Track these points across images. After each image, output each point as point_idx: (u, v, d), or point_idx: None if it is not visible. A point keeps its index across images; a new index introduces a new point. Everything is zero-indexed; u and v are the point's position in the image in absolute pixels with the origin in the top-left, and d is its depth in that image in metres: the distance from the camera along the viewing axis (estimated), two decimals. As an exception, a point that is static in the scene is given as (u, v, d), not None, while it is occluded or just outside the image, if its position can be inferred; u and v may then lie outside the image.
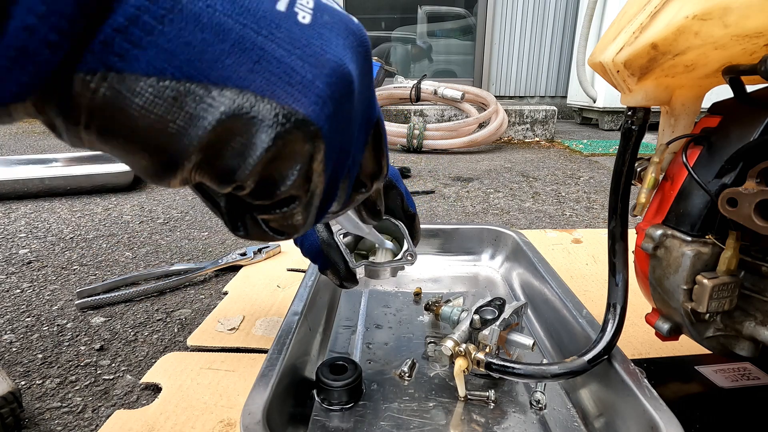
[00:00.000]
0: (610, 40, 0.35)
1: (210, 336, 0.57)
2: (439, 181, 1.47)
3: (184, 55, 0.13)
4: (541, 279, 0.56)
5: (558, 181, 1.48)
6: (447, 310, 0.50)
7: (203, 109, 0.14)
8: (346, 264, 0.40)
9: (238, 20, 0.14)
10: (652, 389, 0.34)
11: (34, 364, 0.53)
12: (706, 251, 0.35)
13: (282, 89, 0.15)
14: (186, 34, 0.13)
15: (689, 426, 0.42)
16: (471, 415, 0.40)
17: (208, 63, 0.14)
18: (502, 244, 0.70)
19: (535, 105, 2.77)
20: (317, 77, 0.16)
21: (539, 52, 3.23)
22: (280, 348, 0.39)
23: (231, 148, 0.15)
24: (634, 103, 0.36)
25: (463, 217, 1.11)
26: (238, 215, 0.18)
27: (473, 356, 0.39)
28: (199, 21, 0.14)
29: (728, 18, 0.28)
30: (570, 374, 0.37)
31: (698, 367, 0.50)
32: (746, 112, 0.34)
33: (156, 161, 0.14)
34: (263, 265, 0.79)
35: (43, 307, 0.66)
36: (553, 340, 0.50)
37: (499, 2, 3.12)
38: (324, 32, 0.16)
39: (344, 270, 0.40)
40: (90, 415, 0.45)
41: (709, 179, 0.35)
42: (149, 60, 0.13)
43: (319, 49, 0.16)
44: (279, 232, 0.19)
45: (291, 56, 0.15)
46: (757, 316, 0.36)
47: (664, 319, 0.41)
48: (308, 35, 0.16)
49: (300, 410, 0.40)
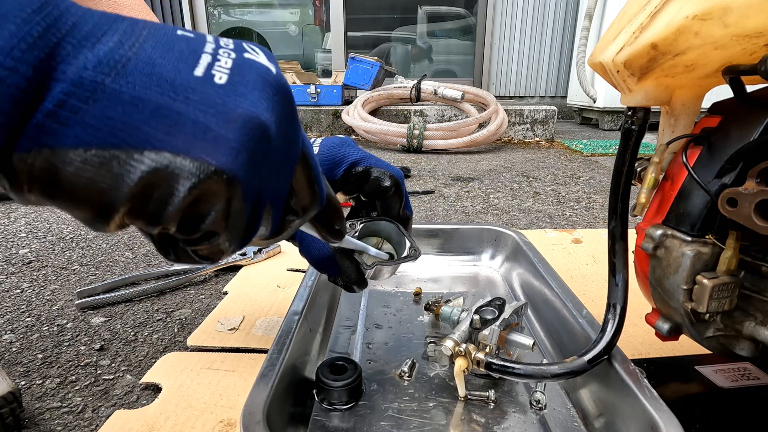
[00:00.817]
0: (610, 40, 0.35)
1: (210, 336, 0.57)
2: (439, 181, 1.47)
3: (106, 127, 0.16)
4: (541, 279, 0.56)
5: (558, 181, 1.48)
6: (447, 310, 0.50)
7: (126, 170, 0.16)
8: (359, 269, 0.40)
9: (156, 91, 0.17)
10: (652, 389, 0.34)
11: (34, 364, 0.53)
12: (706, 251, 0.35)
13: (197, 146, 0.17)
14: (108, 110, 0.16)
15: (689, 426, 0.42)
16: (471, 415, 0.40)
17: (129, 131, 0.16)
18: (502, 244, 0.70)
19: (535, 105, 2.77)
20: (230, 131, 0.18)
21: (539, 52, 3.23)
22: (280, 348, 0.39)
23: (154, 198, 0.17)
24: (634, 103, 0.36)
25: (463, 217, 1.11)
26: (169, 244, 0.21)
27: (473, 356, 0.39)
28: (120, 98, 0.16)
29: (728, 18, 0.28)
30: (570, 374, 0.37)
31: (698, 367, 0.50)
32: (746, 112, 0.34)
33: (91, 214, 0.17)
34: (263, 265, 0.79)
35: (43, 307, 0.66)
36: (553, 340, 0.50)
37: (499, 2, 3.12)
38: (239, 89, 0.19)
39: (356, 275, 0.40)
40: (90, 415, 0.45)
41: (709, 179, 0.35)
42: (76, 135, 0.16)
43: (233, 105, 0.18)
44: (206, 258, 0.21)
45: (206, 115, 0.18)
46: (757, 316, 0.36)
47: (664, 319, 0.41)
48: (223, 94, 0.18)
49: (300, 410, 0.40)
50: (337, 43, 3.21)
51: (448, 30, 3.45)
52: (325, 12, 3.29)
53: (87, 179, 0.16)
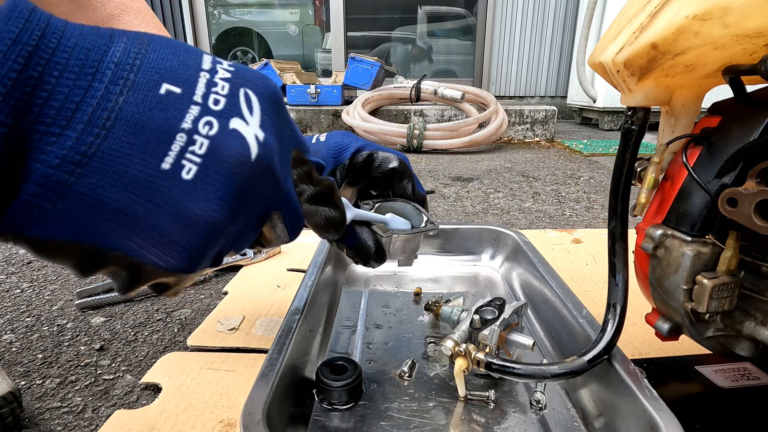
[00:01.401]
0: (610, 40, 0.35)
1: (210, 336, 0.57)
2: (439, 181, 1.47)
3: (71, 226, 0.17)
4: (541, 279, 0.56)
5: (558, 181, 1.48)
6: (447, 310, 0.50)
7: (92, 256, 0.18)
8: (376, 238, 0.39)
9: (118, 192, 0.17)
10: (652, 389, 0.34)
11: (34, 364, 0.53)
12: (706, 251, 0.35)
13: (149, 251, 0.19)
14: (71, 212, 0.17)
15: (689, 426, 0.42)
16: (471, 415, 0.40)
17: (91, 232, 0.17)
18: (502, 244, 0.70)
19: (535, 105, 2.77)
20: (183, 237, 0.19)
21: (539, 52, 3.23)
22: (280, 348, 0.39)
23: (118, 277, 0.20)
24: (634, 103, 0.36)
25: (463, 217, 1.11)
26: None
27: (473, 356, 0.39)
28: (82, 200, 0.17)
29: (728, 18, 0.28)
30: (570, 374, 0.37)
31: (698, 367, 0.50)
32: (746, 112, 0.34)
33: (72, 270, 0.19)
34: (263, 265, 0.79)
35: (43, 307, 0.66)
36: (553, 340, 0.50)
37: (499, 2, 3.12)
38: (206, 185, 0.19)
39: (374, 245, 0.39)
40: (90, 415, 0.45)
41: (709, 179, 0.35)
42: (44, 231, 0.17)
43: (191, 207, 0.18)
44: None
45: (163, 220, 0.18)
46: (757, 316, 0.36)
47: (664, 319, 0.40)
48: (186, 194, 0.18)
49: (300, 410, 0.40)
50: (337, 43, 3.21)
51: (448, 30, 3.45)
52: (325, 12, 3.29)
53: (61, 256, 0.18)
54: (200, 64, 0.19)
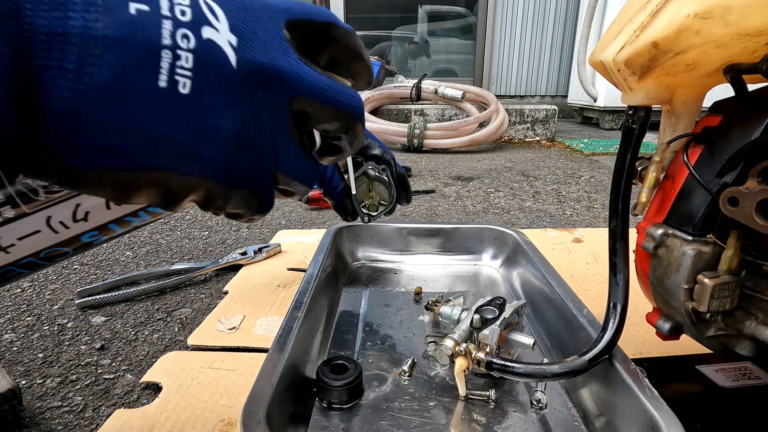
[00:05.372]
0: (610, 38, 0.35)
1: (210, 335, 0.57)
2: (440, 181, 1.47)
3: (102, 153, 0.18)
4: (542, 278, 0.56)
5: (559, 181, 1.48)
6: (447, 310, 0.50)
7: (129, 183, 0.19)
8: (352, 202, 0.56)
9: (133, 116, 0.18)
10: (652, 389, 0.34)
11: (34, 364, 0.53)
12: (707, 250, 0.35)
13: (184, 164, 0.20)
14: (97, 140, 0.17)
15: (690, 425, 0.42)
16: (471, 415, 0.40)
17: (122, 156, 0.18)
18: (502, 244, 0.70)
19: (535, 104, 2.77)
20: (204, 147, 0.20)
21: (540, 52, 3.22)
22: (281, 347, 0.39)
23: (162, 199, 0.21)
24: (635, 102, 0.36)
25: (464, 216, 1.11)
26: None
27: (474, 356, 0.39)
28: (103, 128, 0.17)
29: (729, 17, 0.28)
30: (570, 374, 0.37)
31: (699, 367, 0.50)
32: (747, 111, 0.34)
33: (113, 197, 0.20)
34: (263, 264, 0.79)
35: (43, 306, 0.66)
36: (554, 339, 0.50)
37: (499, 1, 3.11)
38: (205, 99, 0.19)
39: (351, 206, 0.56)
40: (90, 415, 0.45)
41: (710, 178, 0.34)
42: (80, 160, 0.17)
43: (202, 121, 0.19)
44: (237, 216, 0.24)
45: (181, 134, 0.19)
46: (759, 315, 0.36)
47: (664, 319, 0.40)
48: (191, 109, 0.19)
49: (300, 410, 0.40)
50: (338, 42, 3.21)
51: (449, 29, 3.44)
52: (325, 11, 3.28)
53: (98, 185, 0.18)
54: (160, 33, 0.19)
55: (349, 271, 0.69)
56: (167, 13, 0.18)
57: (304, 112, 0.23)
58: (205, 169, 0.20)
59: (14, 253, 0.28)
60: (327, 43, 0.25)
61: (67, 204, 0.29)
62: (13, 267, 0.29)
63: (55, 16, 0.16)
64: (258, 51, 0.21)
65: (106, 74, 0.17)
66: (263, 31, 0.22)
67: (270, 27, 0.22)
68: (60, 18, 0.16)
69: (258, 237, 0.96)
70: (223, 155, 0.21)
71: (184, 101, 0.19)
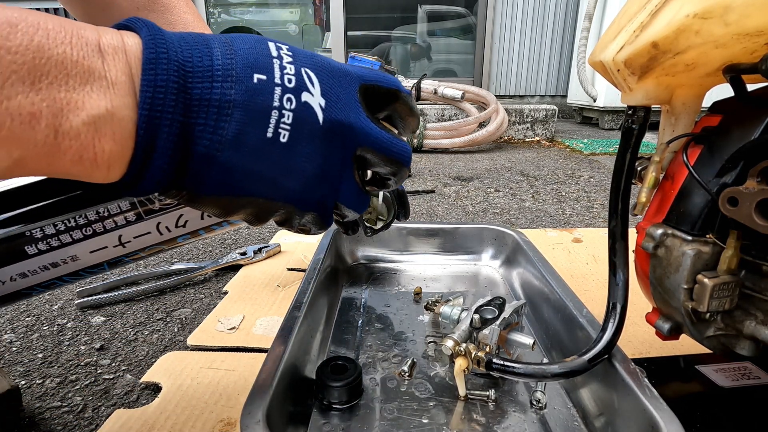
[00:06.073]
0: (610, 38, 0.35)
1: (210, 335, 0.57)
2: (440, 181, 1.47)
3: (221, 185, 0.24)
4: (542, 278, 0.56)
5: (558, 181, 1.48)
6: (447, 310, 0.50)
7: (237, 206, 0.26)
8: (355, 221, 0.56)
9: (245, 159, 0.23)
10: (652, 388, 0.34)
11: (34, 364, 0.53)
12: (707, 250, 0.35)
13: (279, 195, 0.26)
14: (220, 176, 0.23)
15: (690, 425, 0.42)
16: (471, 415, 0.40)
17: (237, 188, 0.24)
18: (502, 244, 0.70)
19: (535, 104, 2.77)
20: (292, 182, 0.26)
21: (539, 52, 3.22)
22: (280, 348, 0.39)
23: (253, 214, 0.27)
24: (635, 102, 0.36)
25: (464, 216, 1.11)
26: None
27: (473, 356, 0.39)
28: (225, 167, 0.23)
29: (729, 17, 0.28)
30: (570, 374, 0.37)
31: (699, 367, 0.50)
32: (747, 111, 0.34)
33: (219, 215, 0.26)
34: (263, 264, 0.79)
35: (43, 306, 0.66)
36: (553, 339, 0.50)
37: (499, 1, 3.11)
38: (298, 147, 0.25)
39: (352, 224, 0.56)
40: (90, 415, 0.45)
41: (709, 178, 0.34)
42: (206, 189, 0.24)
43: (293, 163, 0.25)
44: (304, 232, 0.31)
45: (279, 175, 0.25)
46: (758, 315, 0.36)
47: (664, 319, 0.40)
48: (288, 156, 0.25)
49: (300, 410, 0.40)
50: (337, 42, 3.21)
51: (449, 29, 3.44)
52: (325, 11, 3.28)
53: (212, 205, 0.25)
54: (270, 52, 0.25)
55: (349, 271, 0.69)
56: (278, 81, 0.24)
57: (364, 158, 0.29)
58: (289, 197, 0.26)
59: (129, 247, 0.36)
60: (391, 102, 0.31)
61: (173, 213, 0.36)
62: (124, 257, 0.36)
63: (206, 86, 0.22)
64: (338, 111, 0.27)
65: (233, 128, 0.23)
66: (344, 94, 0.27)
67: (348, 90, 0.28)
68: (207, 88, 0.22)
69: (258, 237, 0.96)
70: (303, 188, 0.26)
71: (282, 147, 0.24)
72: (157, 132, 0.21)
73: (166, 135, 0.21)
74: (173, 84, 0.21)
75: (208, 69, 0.22)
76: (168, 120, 0.21)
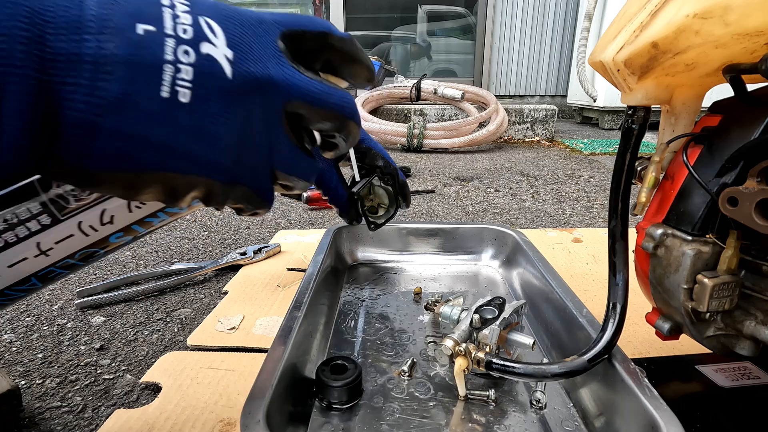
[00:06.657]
0: (610, 38, 0.35)
1: (210, 335, 0.57)
2: (439, 181, 1.47)
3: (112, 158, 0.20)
4: (542, 278, 0.56)
5: (558, 181, 1.48)
6: (447, 310, 0.50)
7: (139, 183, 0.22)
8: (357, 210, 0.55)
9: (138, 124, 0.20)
10: (652, 388, 0.34)
11: (34, 364, 0.53)
12: (707, 250, 0.35)
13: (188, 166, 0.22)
14: (108, 146, 0.19)
15: (689, 425, 0.42)
16: (471, 415, 0.40)
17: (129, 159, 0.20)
18: (502, 244, 0.70)
19: (535, 104, 2.77)
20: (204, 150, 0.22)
21: (539, 52, 3.22)
22: (280, 348, 0.39)
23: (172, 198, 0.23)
24: (635, 102, 0.36)
25: (463, 216, 1.11)
26: None
27: (473, 355, 0.39)
28: (114, 135, 0.19)
29: (729, 17, 0.28)
30: (570, 374, 0.37)
31: (698, 367, 0.50)
32: (747, 111, 0.34)
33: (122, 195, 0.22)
34: (263, 264, 0.79)
35: (43, 306, 0.66)
36: (553, 339, 0.50)
37: (499, 1, 3.11)
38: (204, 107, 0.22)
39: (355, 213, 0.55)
40: (90, 415, 0.45)
41: (709, 178, 0.34)
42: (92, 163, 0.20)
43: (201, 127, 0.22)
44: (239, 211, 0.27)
45: (184, 140, 0.21)
46: (758, 315, 0.36)
47: (664, 319, 0.40)
48: (192, 119, 0.21)
49: (300, 410, 0.40)
50: (337, 42, 3.20)
51: (448, 29, 3.44)
52: (325, 11, 3.28)
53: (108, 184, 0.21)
54: (159, 0, 0.21)
55: (349, 271, 0.69)
56: (170, 32, 0.21)
57: (298, 114, 0.26)
58: (203, 168, 0.22)
59: (53, 255, 0.31)
60: (323, 50, 0.27)
61: (94, 209, 0.32)
62: (54, 268, 0.32)
63: (73, 39, 0.18)
64: (251, 62, 0.23)
65: (115, 88, 0.19)
66: (258, 44, 0.24)
67: (264, 39, 0.24)
68: (77, 41, 0.18)
69: (257, 237, 0.96)
70: (220, 156, 0.23)
71: (184, 109, 0.21)
72: (3, 88, 0.17)
73: (17, 94, 0.18)
74: (21, 32, 0.17)
75: (76, 19, 0.19)
76: (17, 76, 0.17)
